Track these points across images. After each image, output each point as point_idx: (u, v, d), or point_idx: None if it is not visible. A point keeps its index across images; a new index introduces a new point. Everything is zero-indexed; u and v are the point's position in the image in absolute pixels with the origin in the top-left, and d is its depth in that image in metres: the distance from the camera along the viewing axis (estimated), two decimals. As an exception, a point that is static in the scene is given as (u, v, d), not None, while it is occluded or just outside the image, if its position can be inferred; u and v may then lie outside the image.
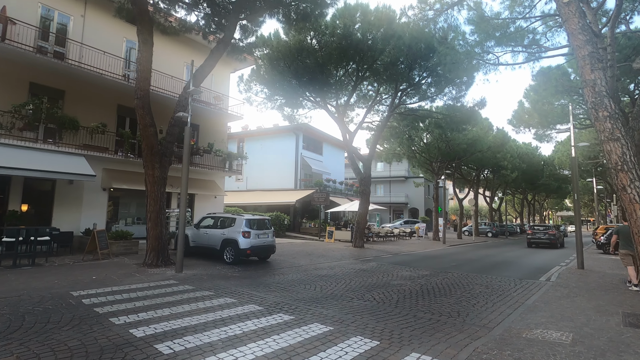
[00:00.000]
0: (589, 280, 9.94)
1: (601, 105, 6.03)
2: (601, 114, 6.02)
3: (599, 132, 6.15)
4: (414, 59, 15.15)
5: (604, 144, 6.10)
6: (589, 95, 6.20)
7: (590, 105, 6.17)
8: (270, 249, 12.15)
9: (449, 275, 10.96)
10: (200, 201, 19.86)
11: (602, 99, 6.04)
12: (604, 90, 6.06)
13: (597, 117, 6.12)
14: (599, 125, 6.11)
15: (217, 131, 20.81)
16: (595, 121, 6.21)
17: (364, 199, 18.50)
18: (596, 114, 6.11)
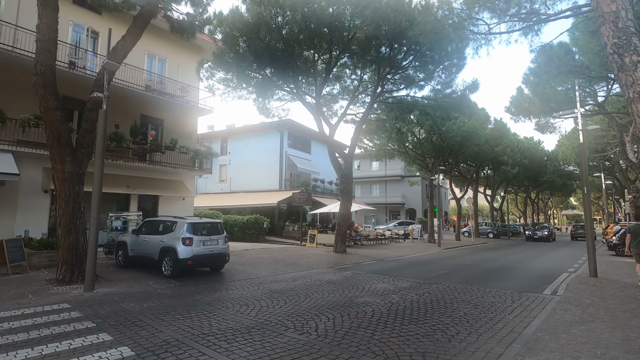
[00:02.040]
0: (606, 294, 7.90)
1: (628, 47, 4.07)
2: (628, 59, 4.06)
3: (625, 86, 4.19)
4: (394, 36, 13.20)
5: (633, 104, 4.13)
6: (608, 35, 4.25)
7: (611, 50, 4.21)
8: (221, 258, 10.20)
9: (433, 288, 8.96)
10: (166, 204, 17.95)
11: (628, 38, 4.07)
12: (632, 25, 4.09)
13: (621, 65, 4.16)
14: (626, 77, 4.14)
15: (184, 126, 18.93)
16: (619, 71, 4.24)
17: (345, 198, 16.53)
18: (620, 60, 4.15)
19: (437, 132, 21.13)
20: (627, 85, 4.14)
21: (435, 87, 15.67)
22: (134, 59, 16.78)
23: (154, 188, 17.03)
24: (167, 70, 18.43)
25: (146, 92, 16.42)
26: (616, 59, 4.17)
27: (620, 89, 4.43)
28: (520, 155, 28.34)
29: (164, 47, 18.22)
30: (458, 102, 15.29)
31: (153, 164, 16.37)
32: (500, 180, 35.24)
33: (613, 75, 15.96)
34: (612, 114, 16.96)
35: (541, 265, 13.87)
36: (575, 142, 26.91)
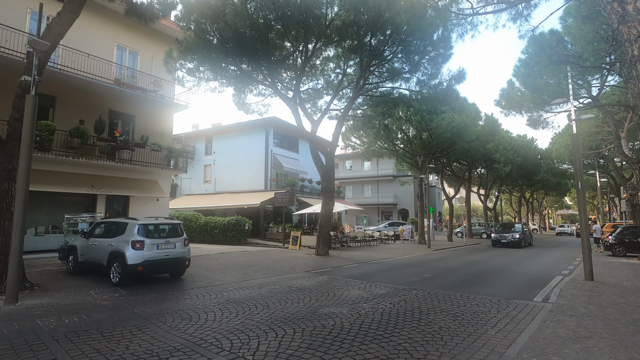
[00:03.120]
0: (604, 302, 6.99)
1: None
2: (631, 6, 3.16)
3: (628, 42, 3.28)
4: (374, 22, 12.29)
5: (638, 64, 3.21)
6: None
7: (617, 19, 3.26)
8: (179, 264, 9.18)
9: (412, 295, 8.01)
10: (138, 205, 16.88)
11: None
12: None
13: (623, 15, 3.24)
14: (629, 30, 3.25)
15: (158, 123, 17.89)
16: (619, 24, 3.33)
17: (327, 197, 15.58)
18: (621, 9, 3.24)
19: (426, 129, 20.25)
20: (630, 41, 3.23)
21: (421, 78, 14.76)
22: (101, 50, 15.79)
23: (124, 188, 15.97)
24: (140, 64, 17.40)
25: (114, 85, 15.40)
26: (616, 8, 3.26)
27: (620, 49, 3.50)
28: (513, 153, 27.54)
29: (136, 39, 17.20)
30: (444, 93, 14.39)
31: (121, 162, 15.32)
32: (494, 179, 34.47)
33: (612, 31, 15.17)
34: (605, 106, 16.18)
35: (534, 268, 12.98)
36: (569, 140, 26.18)
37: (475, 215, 60.12)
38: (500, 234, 22.40)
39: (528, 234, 23.93)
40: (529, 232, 24.34)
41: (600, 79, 15.80)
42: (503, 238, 21.77)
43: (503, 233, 22.32)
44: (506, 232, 22.28)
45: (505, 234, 22.08)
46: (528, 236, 23.60)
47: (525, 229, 23.72)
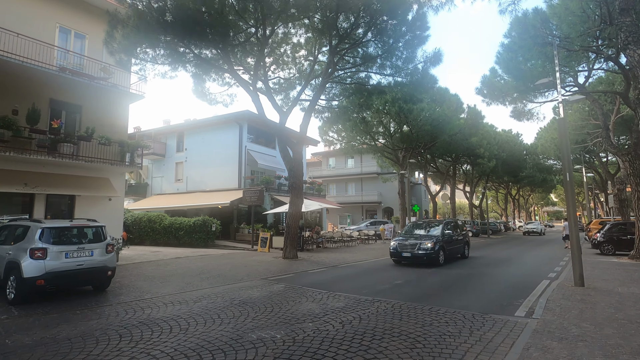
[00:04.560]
0: (599, 317, 5.73)
1: None
2: None
3: None
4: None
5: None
6: None
7: None
8: (98, 274, 7.64)
9: (372, 309, 6.66)
10: (86, 205, 15.10)
11: None
12: None
13: None
14: None
15: (111, 114, 16.11)
16: None
17: (295, 195, 14.17)
18: None
19: (405, 121, 19.00)
20: None
21: (396, 63, 13.45)
22: (39, 32, 14.03)
23: (67, 186, 14.23)
24: (87, 49, 15.64)
25: (53, 71, 13.68)
26: None
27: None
28: (498, 148, 26.58)
29: (83, 21, 15.44)
30: (420, 79, 13.13)
31: (62, 158, 13.60)
32: (479, 176, 33.55)
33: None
34: (592, 93, 15.13)
35: (518, 270, 11.79)
36: (555, 134, 25.32)
37: (462, 213, 59.52)
38: (403, 241, 12.74)
39: (461, 239, 14.45)
40: (462, 238, 14.68)
41: (587, 64, 14.76)
42: (406, 250, 12.43)
43: (409, 240, 12.70)
44: (414, 239, 12.68)
45: (412, 241, 12.50)
46: (459, 243, 14.20)
47: (455, 232, 14.22)
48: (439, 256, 12.24)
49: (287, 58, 17.58)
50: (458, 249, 14.17)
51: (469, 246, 15.26)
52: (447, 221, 14.46)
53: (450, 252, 13.17)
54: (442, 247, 12.52)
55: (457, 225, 15.22)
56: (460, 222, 16.18)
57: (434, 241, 12.31)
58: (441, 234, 12.93)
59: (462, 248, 14.54)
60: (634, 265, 11.92)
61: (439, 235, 12.81)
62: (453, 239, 13.71)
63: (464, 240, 14.78)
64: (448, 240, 13.17)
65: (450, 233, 13.69)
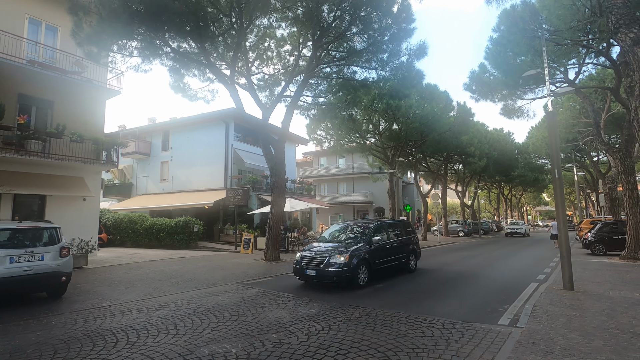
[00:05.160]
0: (589, 325, 5.25)
1: None
2: None
3: None
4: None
5: None
6: None
7: None
8: (48, 280, 7.01)
9: (345, 316, 6.12)
10: (58, 206, 14.38)
11: None
12: None
13: None
14: None
15: (85, 110, 15.43)
16: None
17: (277, 194, 13.61)
18: None
19: (393, 118, 18.52)
20: None
21: (381, 56, 12.95)
22: (6, 23, 13.29)
23: (37, 186, 13.52)
24: (60, 41, 14.95)
25: (20, 64, 12.95)
26: None
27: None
28: (489, 147, 26.23)
29: (55, 12, 14.72)
30: (406, 73, 12.64)
31: (29, 155, 12.89)
32: (471, 175, 33.24)
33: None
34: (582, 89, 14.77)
35: (506, 271, 11.34)
36: (546, 133, 25.04)
37: (455, 213, 59.37)
38: (311, 253, 9.04)
39: (402, 247, 10.60)
40: (406, 245, 10.83)
41: (578, 60, 14.40)
42: (311, 265, 8.74)
43: (319, 250, 9.06)
44: (325, 249, 9.07)
45: (321, 253, 8.83)
46: (398, 253, 10.36)
47: (394, 238, 10.40)
48: (358, 274, 8.49)
49: (272, 53, 17.02)
50: (397, 261, 10.18)
51: (417, 255, 11.38)
52: (379, 224, 10.20)
53: (381, 266, 9.44)
54: (366, 260, 8.79)
55: (400, 228, 11.15)
56: (404, 221, 12.07)
57: (351, 253, 8.46)
58: (366, 241, 9.16)
59: (405, 259, 10.56)
60: (625, 266, 11.54)
61: (361, 245, 8.99)
62: (388, 247, 9.83)
63: (407, 248, 10.77)
64: (378, 250, 9.38)
65: (383, 239, 9.79)
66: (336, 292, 8.24)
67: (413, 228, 12.10)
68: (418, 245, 11.65)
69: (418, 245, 11.62)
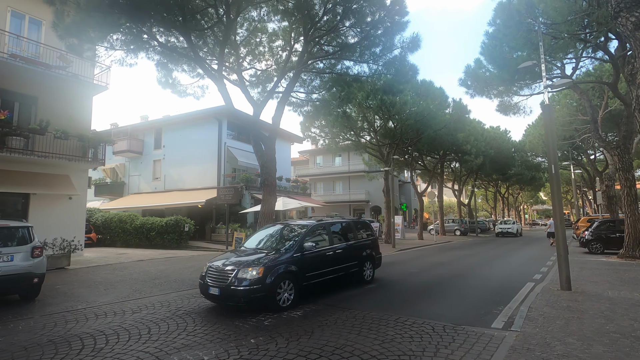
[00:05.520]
0: (587, 329, 4.93)
1: None
2: None
3: None
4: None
5: None
6: None
7: None
8: (19, 282, 6.63)
9: (330, 319, 5.79)
10: (43, 205, 13.96)
11: None
12: None
13: None
14: None
15: (71, 106, 15.01)
16: None
17: (267, 193, 13.23)
18: None
19: (388, 114, 18.19)
20: None
21: (374, 51, 12.62)
22: (-12, 16, 12.90)
23: (19, 184, 13.11)
24: (44, 36, 14.52)
25: (3, 59, 12.54)
26: None
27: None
28: (485, 145, 25.96)
29: (38, 5, 14.18)
30: (400, 67, 12.30)
31: (9, 152, 12.47)
32: (467, 173, 32.99)
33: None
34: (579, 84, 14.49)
35: (501, 271, 11.04)
36: (543, 130, 24.80)
37: (451, 212, 59.18)
38: (218, 265, 6.72)
39: (350, 253, 8.43)
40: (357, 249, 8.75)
41: (575, 54, 14.12)
42: (215, 281, 6.47)
43: (229, 261, 6.78)
44: (236, 258, 6.89)
45: (230, 265, 6.56)
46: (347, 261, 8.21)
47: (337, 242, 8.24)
48: (278, 293, 6.34)
49: (263, 48, 16.66)
50: (344, 271, 7.97)
51: (374, 261, 9.14)
52: (315, 225, 7.84)
53: (318, 279, 7.19)
54: (291, 273, 6.59)
55: (352, 229, 8.85)
56: (357, 221, 9.68)
57: (267, 265, 6.33)
58: (295, 248, 6.88)
59: (357, 267, 8.41)
60: (623, 265, 11.27)
61: (285, 253, 6.74)
62: (329, 254, 7.59)
63: (361, 254, 8.63)
64: (313, 259, 7.14)
65: (321, 245, 7.61)
66: (323, 292, 7.89)
67: (373, 229, 10.00)
68: (377, 249, 9.51)
69: (377, 250, 9.50)
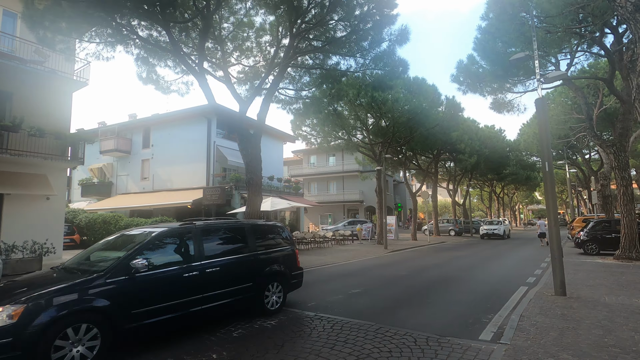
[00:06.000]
0: (584, 342, 4.48)
1: None
2: None
3: None
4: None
5: None
6: None
7: None
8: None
9: (306, 330, 5.29)
10: (18, 205, 13.35)
11: None
12: None
13: None
14: None
15: (49, 103, 14.40)
16: None
17: (253, 192, 12.73)
18: None
19: (379, 112, 17.73)
20: None
21: (362, 45, 12.17)
22: (-42, 7, 12.29)
23: (-8, 183, 12.53)
24: (20, 29, 13.90)
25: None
26: None
27: None
28: (480, 144, 25.59)
29: (12, 0, 13.73)
30: (387, 61, 11.86)
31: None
32: (462, 173, 32.64)
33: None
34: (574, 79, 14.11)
35: (494, 274, 10.61)
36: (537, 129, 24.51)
37: (447, 212, 58.93)
38: None
39: (241, 271, 5.90)
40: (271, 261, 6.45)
41: (570, 49, 13.73)
42: None
43: None
44: None
45: None
46: (230, 285, 5.56)
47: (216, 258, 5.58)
48: (58, 354, 3.79)
49: (251, 44, 16.20)
50: (230, 297, 5.56)
51: (287, 281, 6.58)
52: (164, 232, 5.33)
53: (160, 317, 4.68)
54: (99, 313, 4.17)
55: (248, 236, 6.28)
56: (256, 225, 6.79)
57: (35, 300, 3.84)
58: (113, 269, 4.49)
59: (254, 291, 5.93)
60: (620, 267, 10.88)
61: (94, 282, 4.28)
62: (190, 276, 5.11)
63: (261, 270, 6.14)
64: (154, 284, 4.77)
65: (161, 263, 4.98)
66: (302, 300, 7.38)
67: (289, 236, 7.12)
68: (293, 263, 6.84)
69: (293, 265, 6.83)
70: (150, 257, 4.82)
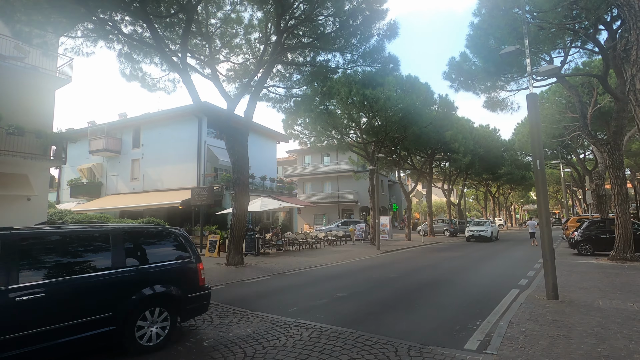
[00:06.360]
0: (575, 351, 4.18)
1: None
2: None
3: None
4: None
5: None
6: None
7: None
8: None
9: (282, 338, 4.98)
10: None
11: None
12: None
13: None
14: None
15: (31, 101, 13.99)
16: None
17: (240, 192, 12.42)
18: None
19: (370, 110, 17.43)
20: None
21: (351, 40, 11.87)
22: None
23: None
24: (0, 24, 13.51)
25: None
26: None
27: None
28: (475, 143, 25.38)
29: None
30: (376, 57, 11.56)
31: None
32: (457, 173, 32.45)
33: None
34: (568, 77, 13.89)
35: (486, 275, 10.34)
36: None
37: (442, 212, 58.76)
38: None
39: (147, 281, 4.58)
40: (152, 279, 4.66)
41: (564, 46, 13.49)
42: None
43: None
44: None
45: None
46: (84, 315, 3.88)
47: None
48: None
49: (240, 40, 15.88)
50: (71, 334, 3.80)
51: (178, 306, 4.87)
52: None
53: None
54: None
55: (103, 245, 4.50)
56: (125, 229, 4.85)
57: None
58: None
59: (115, 323, 4.16)
60: (614, 268, 10.64)
61: None
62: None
63: (125, 295, 4.34)
64: None
65: None
66: (287, 303, 7.04)
67: (184, 244, 5.42)
68: (191, 281, 5.25)
69: (189, 282, 5.20)
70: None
